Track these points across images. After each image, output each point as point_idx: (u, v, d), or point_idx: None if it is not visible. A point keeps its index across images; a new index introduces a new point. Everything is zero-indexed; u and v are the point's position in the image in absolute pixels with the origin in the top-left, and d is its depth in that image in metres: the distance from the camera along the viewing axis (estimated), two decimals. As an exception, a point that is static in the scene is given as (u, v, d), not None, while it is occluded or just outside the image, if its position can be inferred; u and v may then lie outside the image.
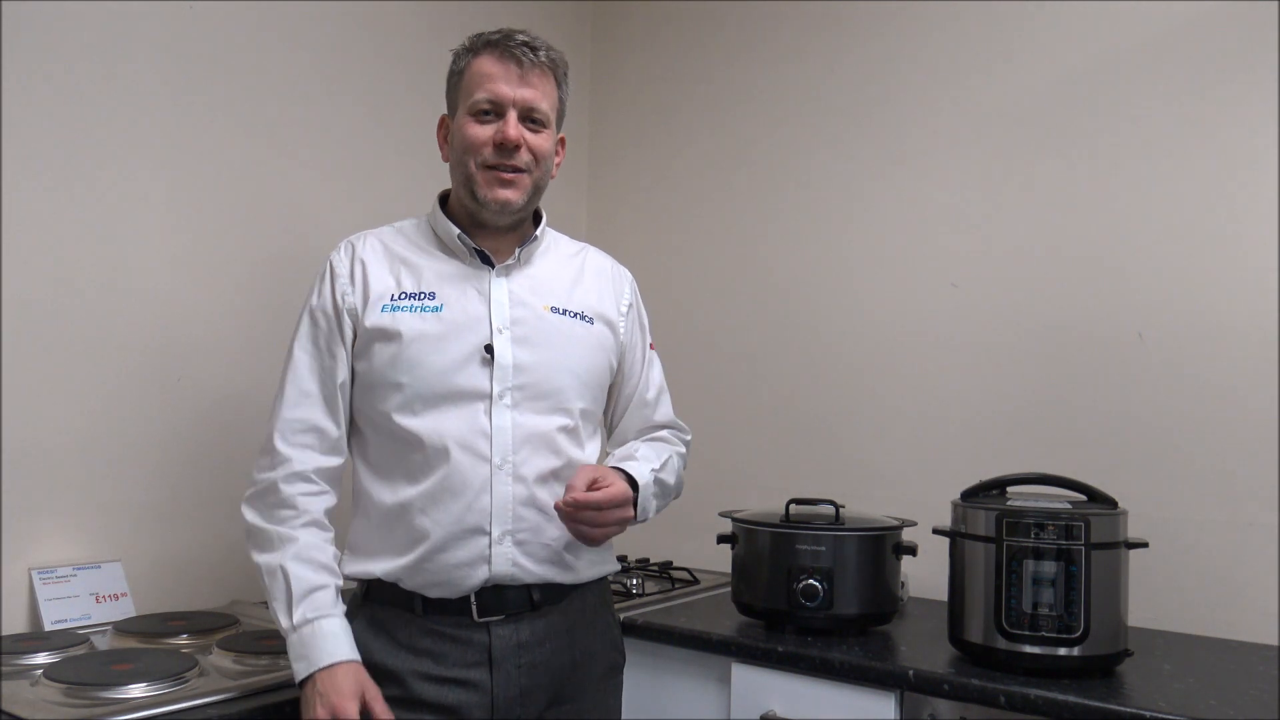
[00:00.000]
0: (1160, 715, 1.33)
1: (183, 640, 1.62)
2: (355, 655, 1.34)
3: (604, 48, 2.78)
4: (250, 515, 1.39)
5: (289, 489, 1.38)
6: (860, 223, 2.29)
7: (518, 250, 1.49)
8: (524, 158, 1.43)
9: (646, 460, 1.51)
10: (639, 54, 2.70)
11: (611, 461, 1.51)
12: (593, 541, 1.40)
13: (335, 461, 1.44)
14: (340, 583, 1.38)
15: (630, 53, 2.72)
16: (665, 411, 1.67)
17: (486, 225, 1.48)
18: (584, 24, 2.77)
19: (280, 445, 1.40)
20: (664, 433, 1.65)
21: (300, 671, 1.31)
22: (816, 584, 1.72)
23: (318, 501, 1.40)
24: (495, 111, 1.43)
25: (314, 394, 1.42)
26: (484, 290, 1.45)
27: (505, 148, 1.41)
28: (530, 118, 1.44)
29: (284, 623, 1.33)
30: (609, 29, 2.77)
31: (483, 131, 1.42)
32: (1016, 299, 2.07)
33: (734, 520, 1.88)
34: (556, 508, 1.36)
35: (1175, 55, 1.91)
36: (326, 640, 1.32)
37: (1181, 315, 1.88)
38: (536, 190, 1.48)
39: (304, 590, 1.33)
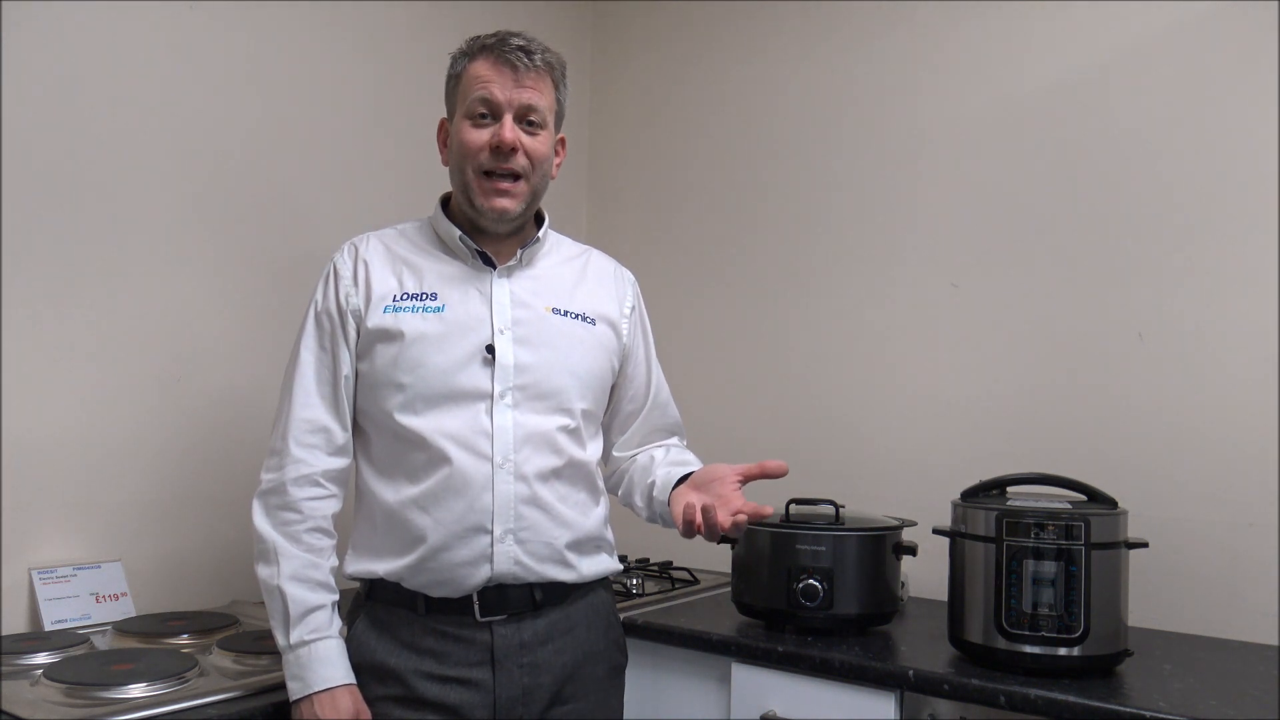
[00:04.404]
0: (1160, 715, 1.33)
1: (183, 640, 1.62)
2: (350, 679, 1.37)
3: (604, 48, 2.78)
4: (257, 517, 1.40)
5: (297, 492, 1.39)
6: (861, 222, 2.29)
7: (520, 251, 1.49)
8: (520, 161, 1.43)
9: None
10: (639, 54, 2.70)
11: (667, 472, 1.53)
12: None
13: (342, 463, 1.44)
14: (336, 598, 1.39)
15: (630, 53, 2.72)
16: (675, 413, 1.68)
17: (487, 231, 1.48)
18: (584, 24, 2.77)
19: (291, 446, 1.40)
20: (674, 439, 1.67)
21: (295, 691, 1.34)
22: (816, 584, 1.72)
23: (323, 506, 1.41)
24: (491, 114, 1.43)
25: (323, 395, 1.43)
26: (485, 291, 1.45)
27: (501, 150, 1.41)
28: (527, 119, 1.43)
29: (281, 640, 1.36)
30: (609, 29, 2.77)
31: (479, 136, 1.42)
32: (1016, 299, 2.07)
33: (734, 520, 1.88)
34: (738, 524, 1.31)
35: (1175, 55, 1.91)
36: (322, 664, 1.34)
37: (1181, 315, 1.89)
38: (534, 195, 1.48)
39: (301, 611, 1.35)
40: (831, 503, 1.82)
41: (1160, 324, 1.91)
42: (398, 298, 1.43)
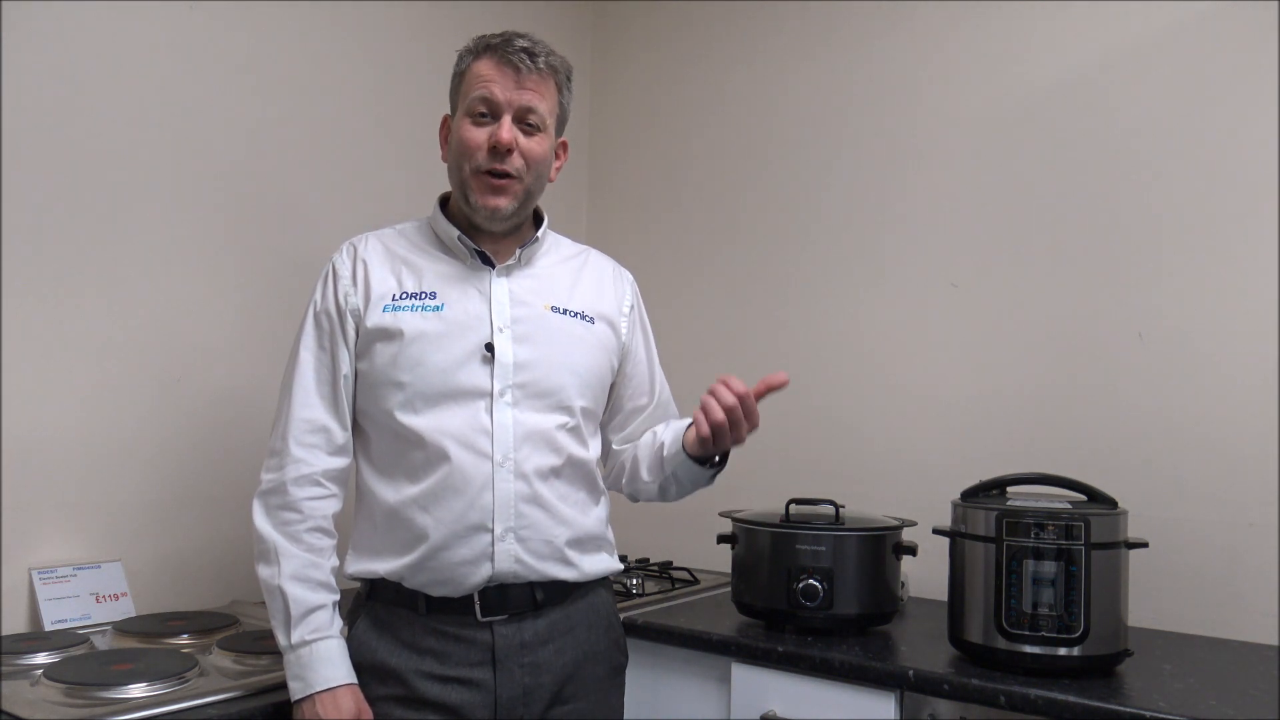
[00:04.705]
0: (1160, 715, 1.33)
1: (183, 640, 1.62)
2: (352, 678, 1.36)
3: (604, 50, 2.78)
4: (257, 518, 1.40)
5: (297, 491, 1.39)
6: (860, 222, 2.29)
7: (518, 251, 1.49)
8: (516, 162, 1.43)
9: None
10: (639, 56, 2.70)
11: (676, 429, 1.55)
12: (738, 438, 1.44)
13: (342, 462, 1.44)
14: (338, 598, 1.39)
15: (630, 54, 2.72)
16: (676, 414, 1.68)
17: (484, 230, 1.48)
18: (584, 24, 2.77)
19: (291, 446, 1.40)
20: None
21: (297, 691, 1.34)
22: (816, 584, 1.72)
23: (324, 505, 1.41)
24: (491, 114, 1.43)
25: (322, 395, 1.43)
26: (484, 290, 1.46)
27: (498, 151, 1.42)
28: (526, 120, 1.44)
29: (282, 641, 1.36)
30: (609, 29, 2.77)
31: (477, 135, 1.43)
32: (1016, 299, 2.07)
33: (734, 520, 1.88)
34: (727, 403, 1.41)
35: (1175, 55, 1.91)
36: (324, 664, 1.34)
37: (1181, 315, 1.89)
38: (529, 196, 1.48)
39: (302, 611, 1.35)
40: (831, 503, 1.82)
41: (1160, 324, 1.91)
42: (397, 297, 1.43)
